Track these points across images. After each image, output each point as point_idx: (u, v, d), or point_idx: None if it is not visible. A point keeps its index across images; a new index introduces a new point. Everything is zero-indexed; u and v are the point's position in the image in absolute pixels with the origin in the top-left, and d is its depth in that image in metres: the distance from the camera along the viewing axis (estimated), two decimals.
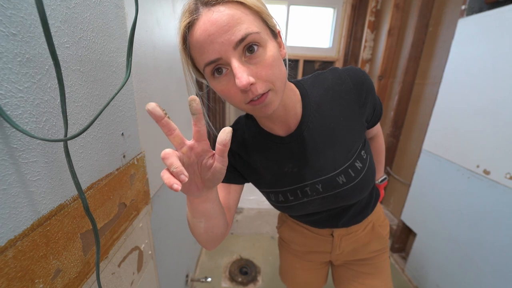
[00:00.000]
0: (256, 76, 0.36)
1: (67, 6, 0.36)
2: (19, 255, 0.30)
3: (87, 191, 0.42)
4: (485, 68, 1.03)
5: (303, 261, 0.71)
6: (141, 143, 0.62)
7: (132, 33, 0.41)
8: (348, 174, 0.49)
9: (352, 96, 0.48)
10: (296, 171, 0.50)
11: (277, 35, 0.41)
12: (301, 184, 0.51)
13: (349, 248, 0.64)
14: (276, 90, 0.39)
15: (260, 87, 0.36)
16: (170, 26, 0.82)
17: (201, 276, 1.32)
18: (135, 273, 0.62)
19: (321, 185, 0.50)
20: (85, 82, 0.41)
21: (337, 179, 0.49)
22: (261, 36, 0.36)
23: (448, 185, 1.21)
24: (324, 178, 0.49)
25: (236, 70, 0.34)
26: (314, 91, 0.49)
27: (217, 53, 0.35)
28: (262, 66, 0.36)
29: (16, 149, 0.29)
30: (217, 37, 0.34)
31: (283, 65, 0.40)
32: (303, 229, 0.67)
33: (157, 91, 0.72)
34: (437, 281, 1.27)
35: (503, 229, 0.95)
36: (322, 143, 0.49)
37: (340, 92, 0.48)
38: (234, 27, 0.34)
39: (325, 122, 0.48)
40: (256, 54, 0.36)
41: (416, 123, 1.60)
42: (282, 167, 0.51)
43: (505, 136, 0.94)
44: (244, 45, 0.35)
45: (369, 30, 2.08)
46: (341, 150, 0.49)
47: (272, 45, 0.38)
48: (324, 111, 0.48)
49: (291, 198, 0.53)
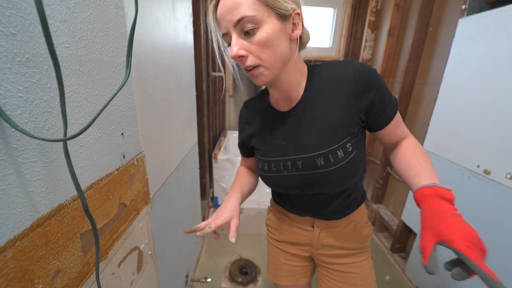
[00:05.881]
0: (249, 51, 0.45)
1: (66, 6, 0.36)
2: (18, 255, 0.30)
3: (87, 191, 0.42)
4: (485, 68, 1.03)
5: (287, 255, 0.73)
6: (141, 143, 0.62)
7: (132, 33, 0.41)
8: (327, 158, 0.52)
9: (351, 86, 0.50)
10: (284, 144, 0.56)
11: (287, 17, 0.45)
12: (285, 157, 0.56)
13: (327, 240, 0.66)
14: (267, 67, 0.46)
15: (249, 60, 0.45)
16: (170, 26, 0.82)
17: (201, 276, 1.32)
18: (135, 273, 0.62)
19: (301, 162, 0.54)
20: (85, 82, 0.40)
21: (316, 160, 0.52)
22: (256, 18, 0.42)
23: (448, 185, 1.20)
24: (305, 156, 0.54)
25: (232, 43, 0.45)
26: (321, 76, 0.53)
27: (225, 28, 0.45)
28: (254, 44, 0.44)
29: (15, 149, 0.29)
30: (224, 17, 0.44)
31: (282, 45, 0.45)
32: (287, 218, 0.71)
33: (157, 91, 0.72)
34: (437, 282, 1.26)
35: (503, 229, 0.95)
36: (311, 124, 0.53)
37: (342, 81, 0.51)
38: (235, 9, 0.43)
39: (319, 106, 0.52)
40: (252, 34, 0.44)
41: (416, 123, 1.60)
42: (274, 138, 0.58)
43: (506, 136, 0.94)
44: (241, 25, 0.43)
45: (369, 29, 2.07)
46: (326, 134, 0.52)
47: (270, 27, 0.43)
48: (321, 96, 0.52)
49: (273, 169, 0.58)
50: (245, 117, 0.65)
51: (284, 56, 0.47)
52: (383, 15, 1.98)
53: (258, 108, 0.62)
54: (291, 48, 0.48)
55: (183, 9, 0.98)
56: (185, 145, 1.09)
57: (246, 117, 0.65)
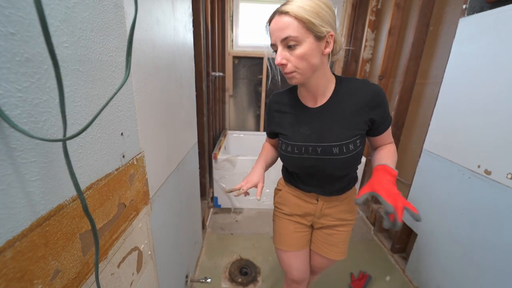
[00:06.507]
0: (289, 61, 0.61)
1: (66, 6, 0.36)
2: (17, 255, 0.30)
3: (86, 191, 0.42)
4: (486, 67, 1.02)
5: (292, 223, 0.88)
6: (140, 143, 0.62)
7: (131, 32, 0.40)
8: (341, 149, 0.68)
9: (368, 98, 0.66)
10: (308, 133, 0.71)
11: (322, 38, 0.60)
12: (307, 143, 0.71)
13: (327, 211, 0.83)
14: (300, 73, 0.63)
15: (288, 68, 0.62)
16: (169, 25, 0.81)
17: (201, 277, 1.32)
18: (135, 274, 0.62)
19: (320, 149, 0.70)
20: (84, 81, 0.40)
21: (333, 149, 0.69)
22: (298, 38, 0.58)
23: (449, 185, 1.20)
24: (325, 144, 0.69)
25: (278, 53, 0.62)
26: (346, 86, 0.69)
27: (274, 40, 0.61)
28: (294, 57, 0.60)
29: (15, 149, 0.29)
30: (275, 32, 0.60)
31: (315, 59, 0.61)
32: (296, 195, 0.85)
33: (156, 91, 0.72)
34: (437, 282, 1.26)
35: (504, 230, 0.95)
36: (333, 122, 0.69)
37: (361, 93, 0.67)
38: (284, 29, 0.58)
39: (341, 109, 0.68)
40: (293, 48, 0.59)
41: (416, 123, 1.59)
42: (300, 127, 0.73)
43: (507, 136, 0.94)
44: (286, 41, 0.59)
45: (369, 29, 2.07)
46: (343, 131, 0.68)
47: (309, 46, 0.59)
48: (344, 101, 0.68)
49: (296, 151, 0.73)
50: (276, 106, 0.78)
51: (315, 67, 0.62)
52: (383, 15, 1.98)
53: (288, 100, 0.76)
54: (322, 61, 0.64)
55: (183, 9, 0.98)
56: (185, 145, 1.09)
57: (277, 106, 0.78)
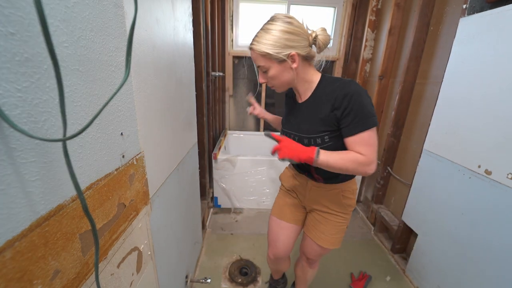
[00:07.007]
0: (266, 80, 0.81)
1: (65, 5, 0.36)
2: (17, 256, 0.30)
3: (86, 191, 0.42)
4: (486, 67, 1.02)
5: (291, 197, 1.04)
6: (140, 143, 0.62)
7: (131, 32, 0.40)
8: (310, 141, 0.81)
9: (334, 100, 0.74)
10: (293, 123, 0.87)
11: (285, 60, 0.73)
12: (290, 131, 0.87)
13: (313, 194, 0.95)
14: (278, 87, 0.82)
15: (268, 84, 0.82)
16: (169, 25, 0.81)
17: (201, 277, 1.32)
18: (134, 274, 0.62)
19: (297, 138, 0.84)
20: (84, 81, 0.40)
21: (304, 140, 0.82)
22: (265, 66, 0.76)
23: (449, 186, 1.20)
24: (300, 135, 0.83)
25: (259, 75, 0.81)
26: (325, 87, 0.79)
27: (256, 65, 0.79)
28: (269, 77, 0.79)
29: (14, 149, 0.29)
30: (253, 61, 0.79)
31: (285, 76, 0.77)
32: (292, 175, 1.03)
33: (156, 91, 0.72)
34: (438, 282, 1.26)
35: (504, 230, 0.95)
36: (307, 116, 0.82)
37: (332, 94, 0.75)
38: (255, 60, 0.77)
39: (315, 106, 0.80)
40: (266, 72, 0.78)
41: (417, 123, 1.59)
42: (289, 115, 0.91)
43: (507, 136, 0.94)
44: (260, 68, 0.78)
45: (369, 29, 2.07)
46: (312, 126, 0.80)
47: (275, 69, 0.75)
48: (318, 100, 0.79)
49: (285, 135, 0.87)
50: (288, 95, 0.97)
51: (288, 80, 0.79)
52: (383, 15, 1.98)
53: (292, 94, 0.93)
54: (296, 72, 0.77)
55: (183, 9, 0.98)
56: (185, 145, 1.09)
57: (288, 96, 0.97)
